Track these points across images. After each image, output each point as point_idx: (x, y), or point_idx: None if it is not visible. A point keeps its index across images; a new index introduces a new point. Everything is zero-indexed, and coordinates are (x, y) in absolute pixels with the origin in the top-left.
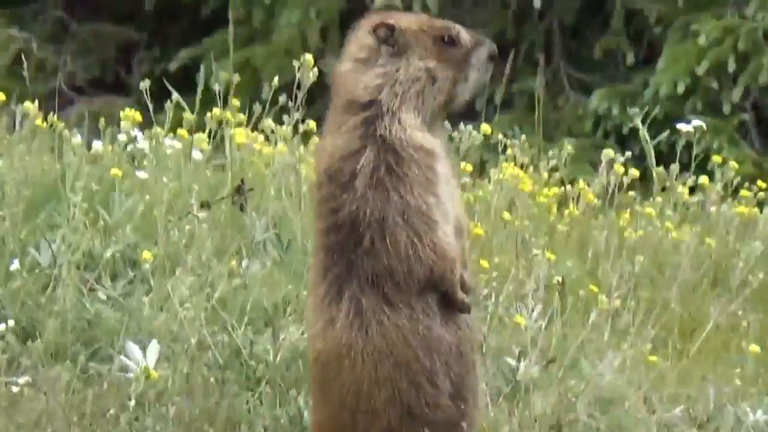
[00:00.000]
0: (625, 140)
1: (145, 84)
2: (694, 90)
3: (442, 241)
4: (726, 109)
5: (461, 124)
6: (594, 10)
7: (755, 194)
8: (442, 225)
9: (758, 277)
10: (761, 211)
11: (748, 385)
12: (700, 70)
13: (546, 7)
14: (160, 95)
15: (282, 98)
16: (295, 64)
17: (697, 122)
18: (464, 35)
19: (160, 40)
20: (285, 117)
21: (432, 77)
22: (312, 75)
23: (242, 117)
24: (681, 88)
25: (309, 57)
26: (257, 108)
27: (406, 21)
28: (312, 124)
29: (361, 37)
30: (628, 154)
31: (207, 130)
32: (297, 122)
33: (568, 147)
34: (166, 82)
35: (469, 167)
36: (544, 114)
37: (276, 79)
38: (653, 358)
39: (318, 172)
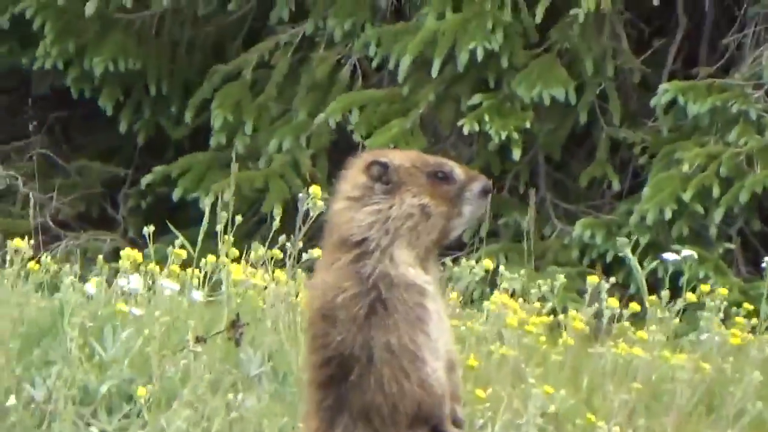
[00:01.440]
0: (609, 269)
1: (148, 230)
2: (680, 216)
3: (430, 377)
4: (712, 232)
5: (459, 257)
6: (579, 141)
7: (749, 319)
8: (430, 362)
9: (755, 406)
10: (752, 335)
11: None
12: (686, 197)
13: (531, 140)
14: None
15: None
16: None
17: (687, 252)
18: (458, 171)
19: (147, 174)
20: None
21: (426, 213)
22: (318, 206)
23: (236, 252)
24: (668, 215)
25: (317, 188)
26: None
27: (399, 158)
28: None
29: (354, 176)
30: (612, 280)
31: (204, 274)
32: (294, 255)
33: (561, 277)
34: (170, 225)
35: (454, 296)
36: (534, 243)
37: (277, 215)
38: None
39: (310, 309)
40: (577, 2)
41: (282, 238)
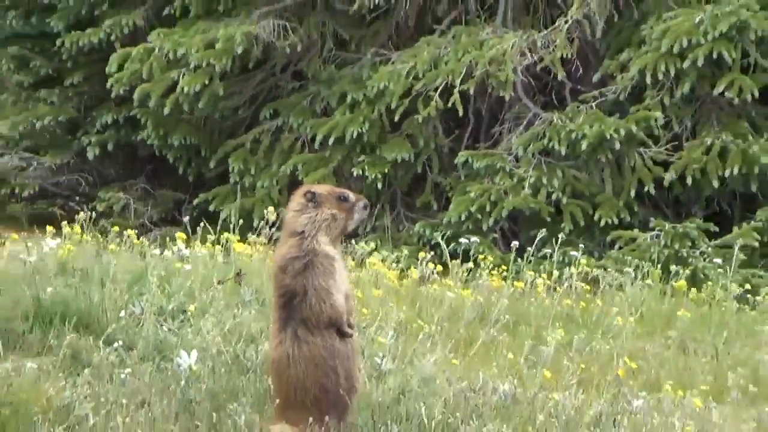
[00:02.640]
0: (434, 247)
1: (202, 233)
2: (468, 219)
3: (336, 302)
4: (486, 225)
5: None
6: (419, 181)
7: (501, 273)
8: (336, 294)
9: (506, 317)
10: (504, 282)
11: (502, 371)
12: (472, 209)
13: (389, 182)
14: (196, 226)
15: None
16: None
17: (474, 239)
18: (352, 195)
19: (196, 198)
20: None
21: (335, 218)
22: (276, 217)
23: (237, 237)
24: (462, 218)
25: (271, 209)
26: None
27: (321, 189)
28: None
29: (297, 198)
30: (432, 254)
31: (221, 244)
32: (270, 239)
33: (405, 251)
34: (206, 224)
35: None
36: (393, 234)
37: (264, 221)
38: (454, 361)
39: (274, 266)
40: (414, 109)
41: (265, 231)
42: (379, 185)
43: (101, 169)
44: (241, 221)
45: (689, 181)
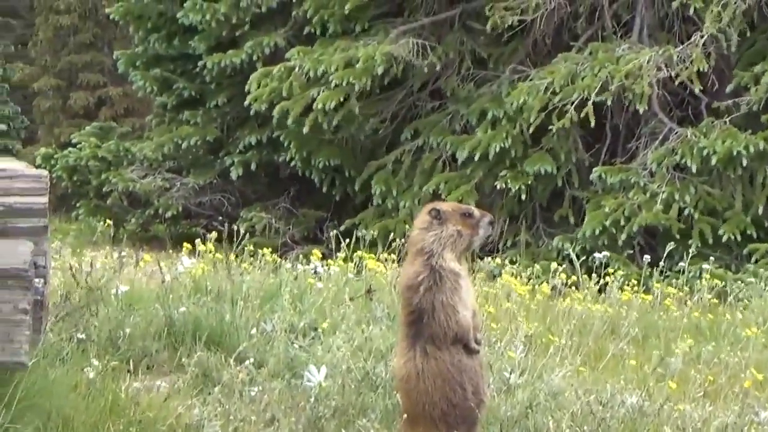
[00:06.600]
0: (571, 261)
1: (342, 252)
2: (602, 234)
3: (461, 319)
4: (620, 240)
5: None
6: (557, 196)
7: (632, 287)
8: (462, 310)
9: (635, 329)
10: (635, 295)
11: (629, 384)
12: (607, 224)
13: (530, 196)
14: (338, 245)
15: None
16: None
17: (606, 253)
18: (476, 211)
19: (338, 217)
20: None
21: (460, 234)
22: None
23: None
24: (596, 232)
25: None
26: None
27: (445, 206)
28: None
29: (423, 216)
30: (565, 266)
31: (354, 262)
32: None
33: (536, 266)
34: (345, 243)
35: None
36: (533, 249)
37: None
38: (582, 369)
39: (401, 285)
40: (552, 123)
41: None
42: (523, 197)
43: (244, 189)
44: (382, 241)
45: None
